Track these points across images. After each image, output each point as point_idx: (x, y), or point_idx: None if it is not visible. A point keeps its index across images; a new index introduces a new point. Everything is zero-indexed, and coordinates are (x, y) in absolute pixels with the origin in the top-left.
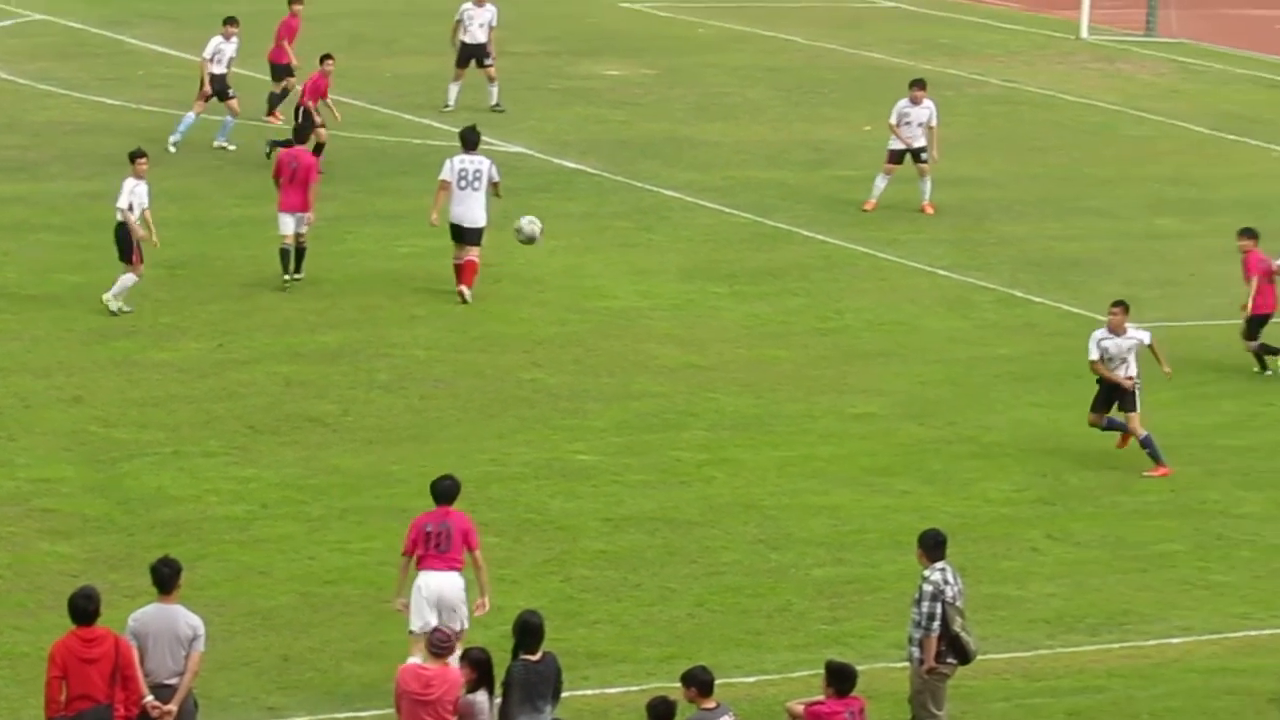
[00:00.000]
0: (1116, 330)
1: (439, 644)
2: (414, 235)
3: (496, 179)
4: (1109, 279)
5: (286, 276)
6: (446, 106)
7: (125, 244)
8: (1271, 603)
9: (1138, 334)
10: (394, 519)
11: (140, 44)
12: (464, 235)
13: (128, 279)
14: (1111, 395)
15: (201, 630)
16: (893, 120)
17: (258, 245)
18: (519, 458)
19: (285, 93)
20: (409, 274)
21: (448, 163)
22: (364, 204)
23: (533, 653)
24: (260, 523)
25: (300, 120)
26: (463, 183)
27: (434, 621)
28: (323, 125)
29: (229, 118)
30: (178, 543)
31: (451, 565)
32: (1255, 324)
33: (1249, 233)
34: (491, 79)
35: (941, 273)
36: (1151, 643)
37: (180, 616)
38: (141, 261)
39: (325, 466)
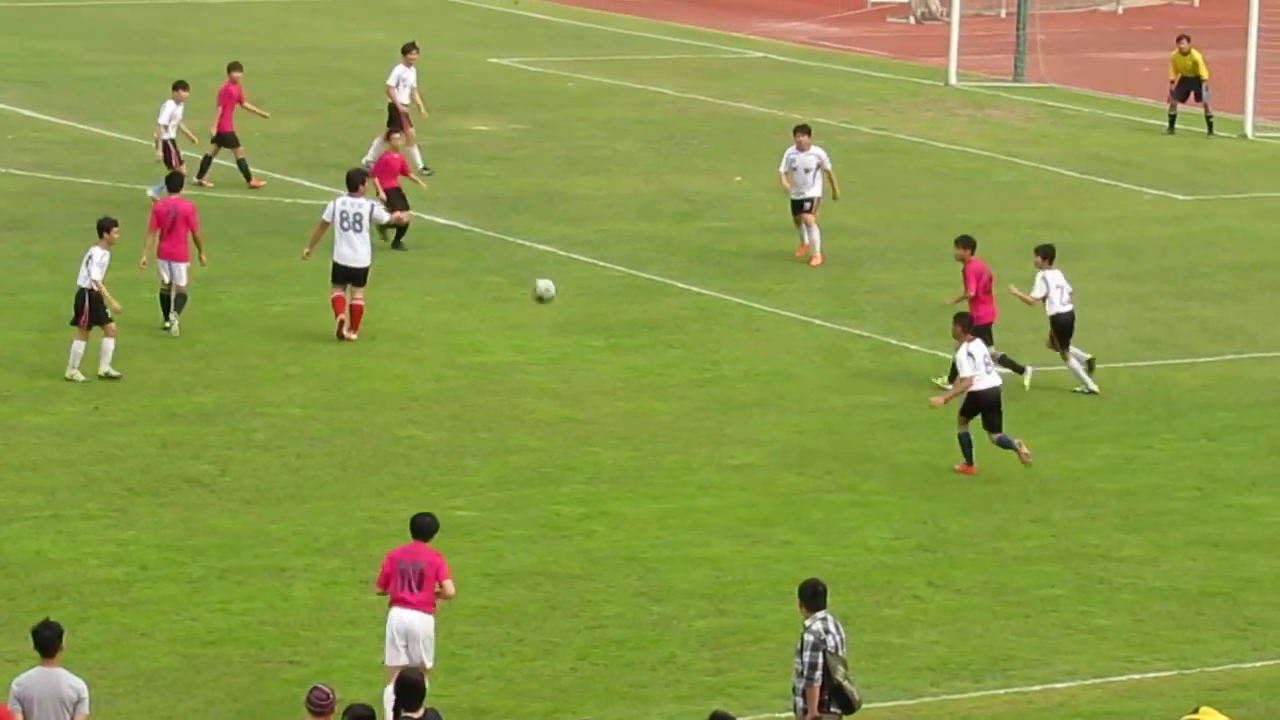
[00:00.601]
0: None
1: (318, 702)
2: (287, 294)
3: (383, 220)
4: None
5: (165, 323)
6: (426, 170)
7: (96, 309)
8: (1155, 646)
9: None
10: (274, 579)
11: (7, 108)
12: (349, 275)
13: (109, 344)
14: (976, 407)
15: (85, 693)
16: (781, 169)
17: (131, 308)
18: (398, 515)
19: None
20: (283, 333)
21: (330, 204)
22: (236, 263)
23: (414, 710)
24: (140, 585)
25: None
26: (344, 224)
27: (403, 657)
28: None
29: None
30: (58, 606)
31: (422, 606)
32: (982, 333)
33: (966, 241)
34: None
35: (816, 322)
36: (1036, 688)
37: (64, 680)
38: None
39: (204, 527)
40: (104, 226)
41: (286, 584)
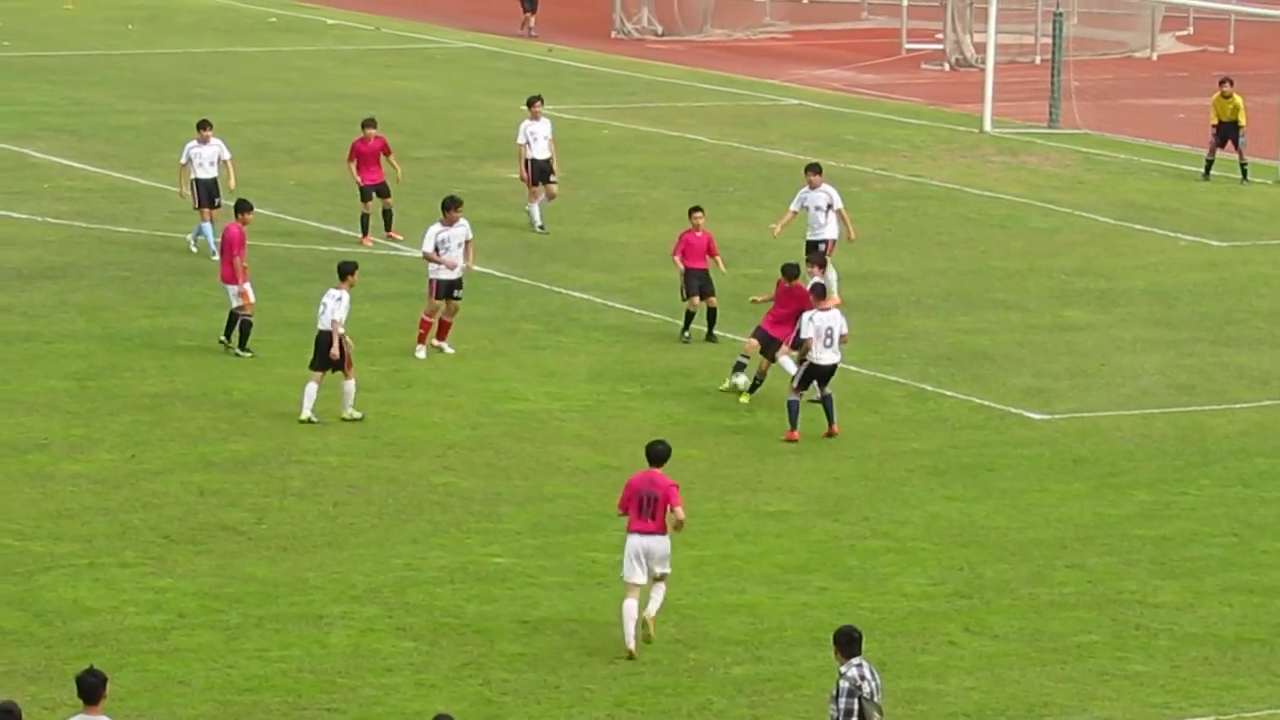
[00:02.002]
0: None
1: None
2: None
3: (470, 238)
4: (1018, 371)
5: (235, 347)
6: (542, 229)
7: (325, 353)
8: (1191, 692)
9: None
10: (311, 626)
11: (44, 157)
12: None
13: (350, 386)
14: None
15: None
16: (793, 207)
17: (168, 355)
18: (434, 562)
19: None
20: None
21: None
22: (272, 311)
23: None
24: (178, 632)
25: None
26: (443, 249)
27: (642, 575)
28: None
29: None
30: (96, 654)
31: (658, 531)
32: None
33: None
34: (551, 196)
35: (851, 368)
36: None
37: None
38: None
39: (241, 575)
40: (345, 270)
41: (324, 631)
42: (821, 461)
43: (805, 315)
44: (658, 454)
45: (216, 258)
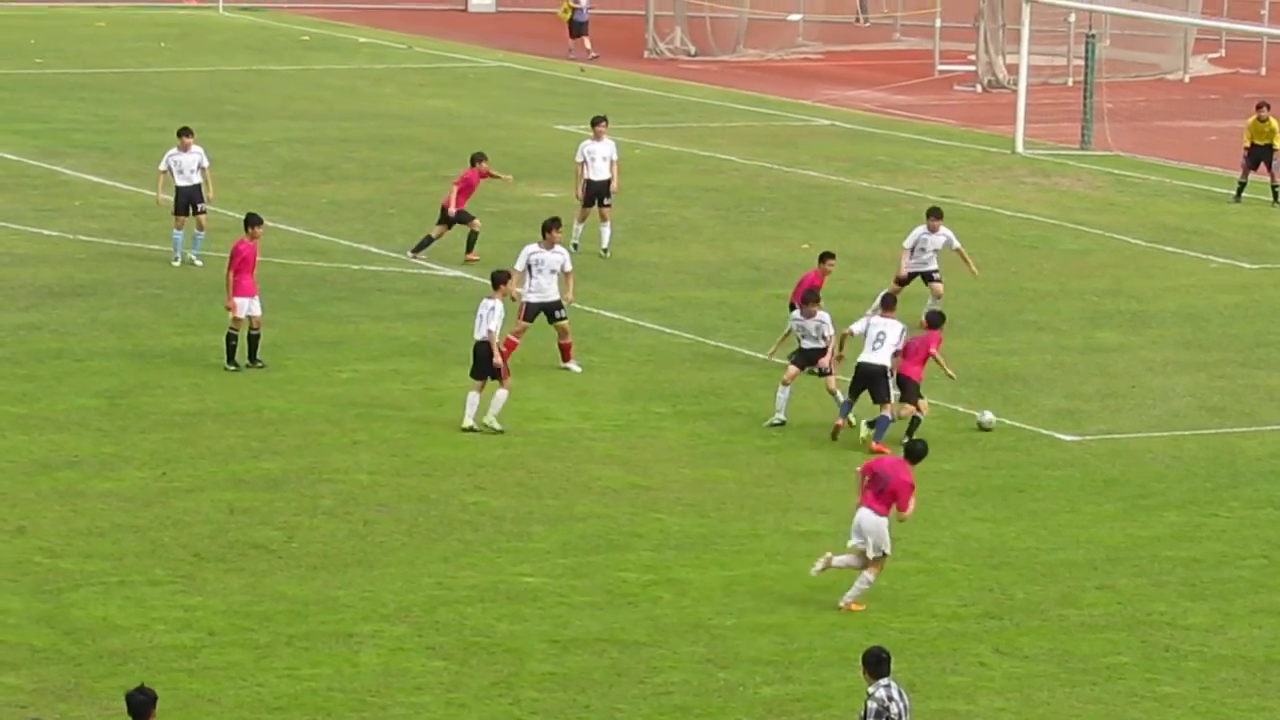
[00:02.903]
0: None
1: None
2: (354, 360)
3: (568, 269)
4: (1050, 392)
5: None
6: (575, 248)
7: (488, 362)
8: (1221, 714)
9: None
10: (341, 645)
11: (75, 174)
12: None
13: (502, 395)
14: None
15: None
16: (907, 244)
17: (199, 373)
18: (464, 581)
19: (473, 233)
20: (350, 399)
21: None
22: (303, 330)
23: None
24: (208, 651)
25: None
26: (536, 270)
27: (857, 540)
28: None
29: (198, 231)
30: (125, 672)
31: (880, 510)
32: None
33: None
34: (603, 219)
35: None
36: None
37: None
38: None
39: (271, 593)
40: (498, 280)
41: (354, 650)
42: (852, 482)
43: (864, 318)
44: (915, 452)
45: (177, 264)
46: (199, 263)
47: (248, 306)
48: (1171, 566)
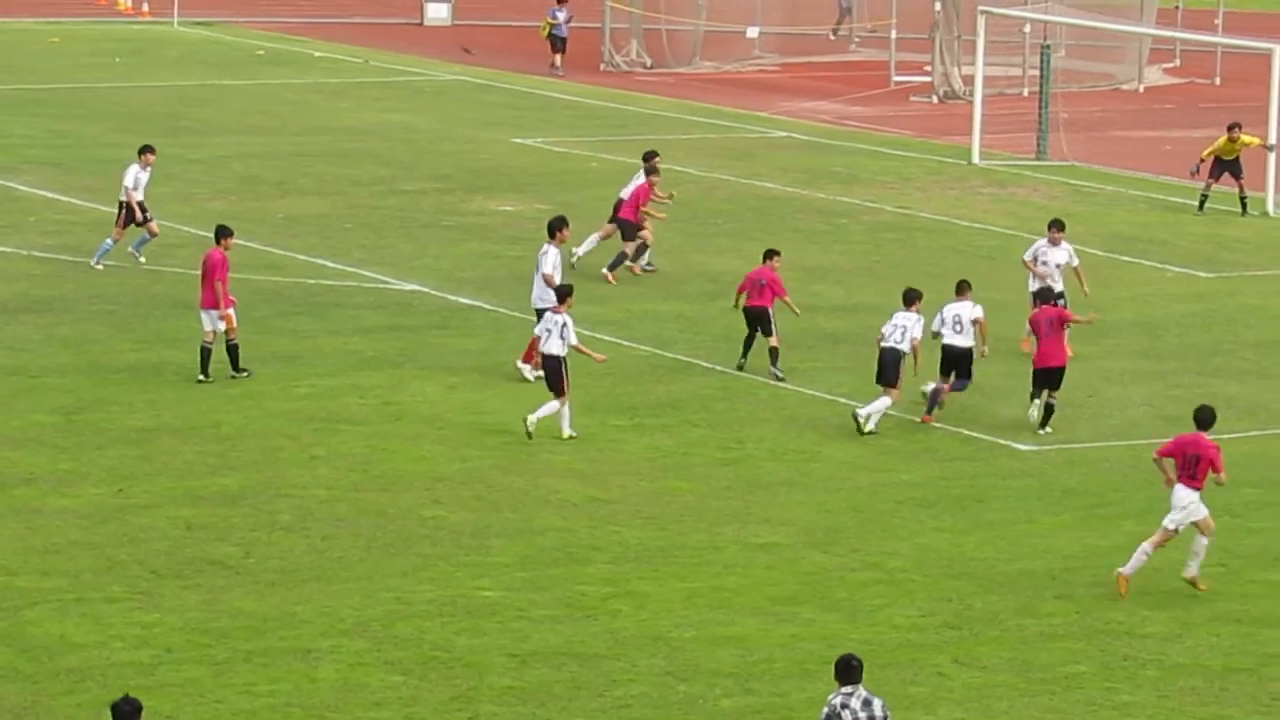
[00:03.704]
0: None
1: None
2: (312, 375)
3: (547, 270)
4: (1008, 403)
5: (201, 377)
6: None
7: (557, 378)
8: None
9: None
10: (300, 660)
11: (29, 190)
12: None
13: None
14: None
15: None
16: (1027, 257)
17: (155, 389)
18: (423, 595)
19: (642, 248)
20: (307, 414)
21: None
22: (260, 345)
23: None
24: (165, 667)
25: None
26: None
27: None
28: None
29: (147, 235)
30: (83, 689)
31: (1195, 486)
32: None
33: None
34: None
35: (841, 400)
36: None
37: None
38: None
39: (229, 609)
40: (563, 294)
41: (312, 666)
42: (811, 494)
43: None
44: (1204, 419)
45: (100, 267)
46: (142, 259)
47: (212, 320)
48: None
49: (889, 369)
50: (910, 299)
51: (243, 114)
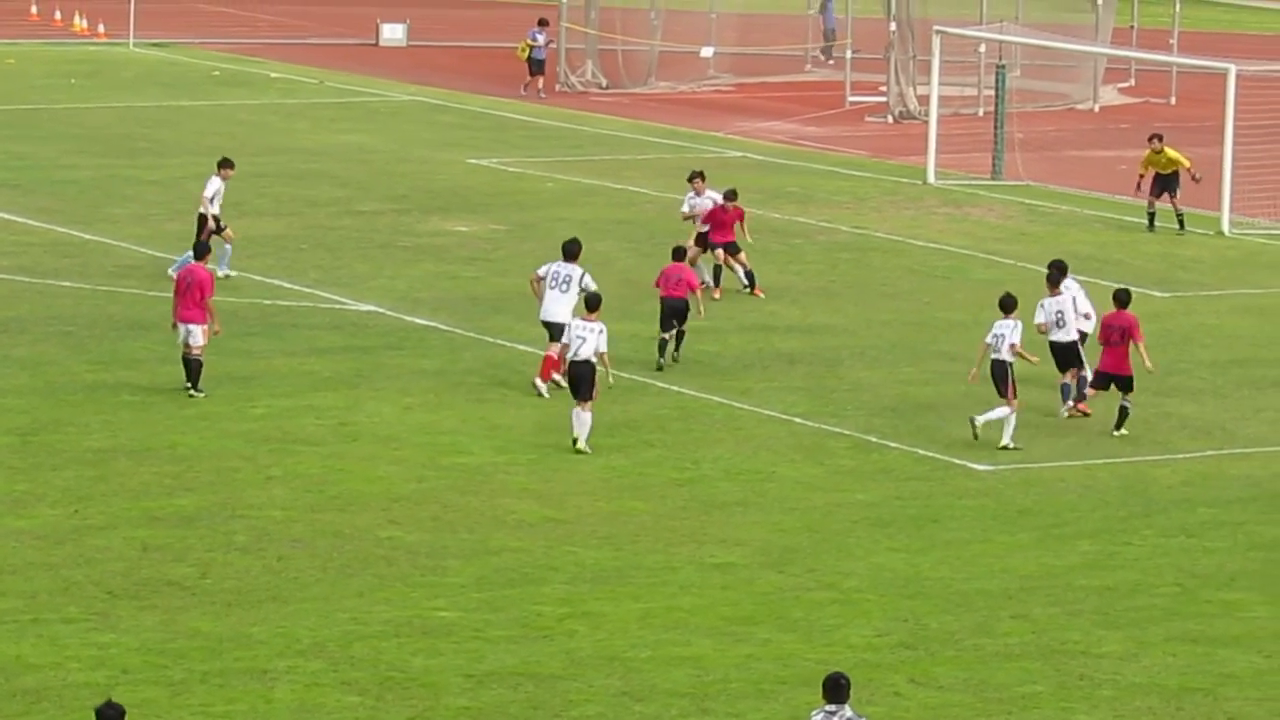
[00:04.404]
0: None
1: None
2: (268, 396)
3: (589, 287)
4: (963, 422)
5: (187, 386)
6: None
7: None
8: None
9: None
10: (256, 681)
11: None
12: (552, 331)
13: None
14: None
15: None
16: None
17: (111, 410)
18: (379, 616)
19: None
20: (264, 435)
21: (546, 265)
22: (216, 365)
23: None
24: (122, 688)
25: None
26: (553, 284)
27: None
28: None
29: (228, 246)
30: (39, 710)
31: None
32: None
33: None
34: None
35: (797, 420)
36: None
37: None
38: None
39: (185, 630)
40: (592, 304)
41: (268, 686)
42: (767, 514)
43: (1039, 303)
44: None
45: (226, 273)
46: (232, 274)
47: (192, 333)
48: (1085, 595)
49: (999, 381)
50: (1008, 306)
51: (199, 135)
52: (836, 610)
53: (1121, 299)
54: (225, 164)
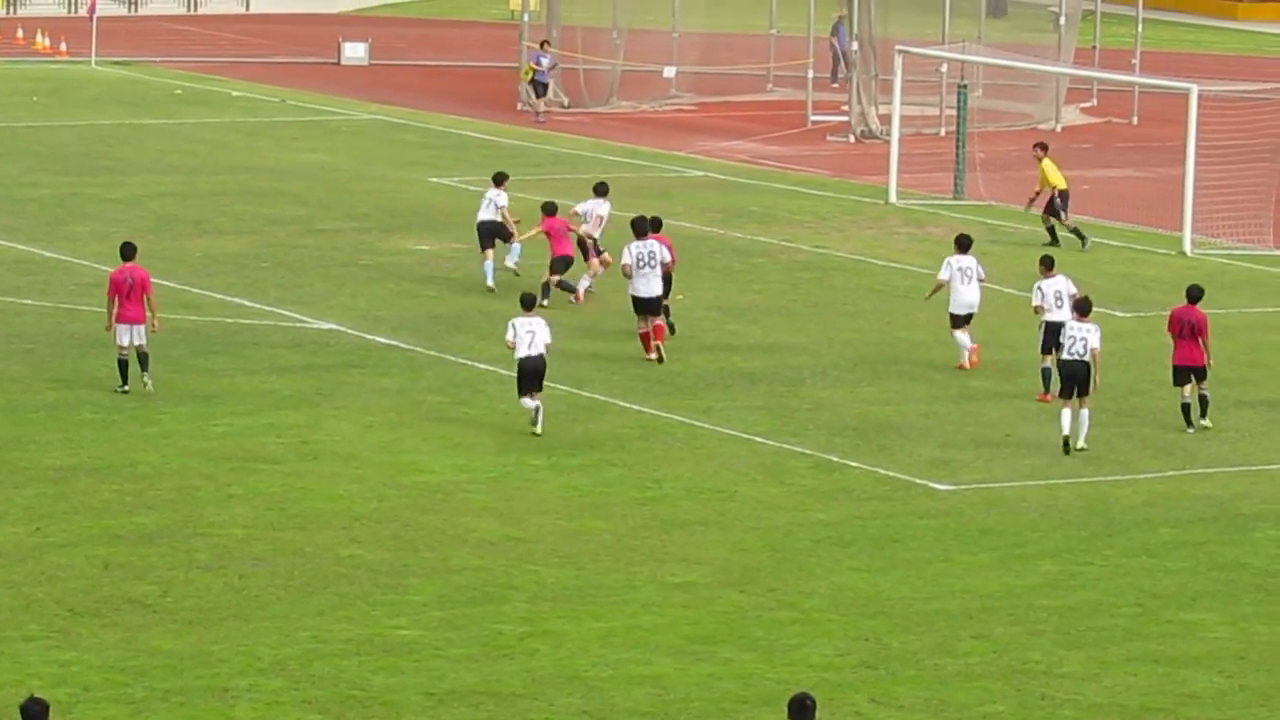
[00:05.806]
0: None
1: None
2: (229, 414)
3: (667, 259)
4: (924, 442)
5: (123, 387)
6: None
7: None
8: None
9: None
10: (217, 699)
11: None
12: (647, 307)
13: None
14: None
15: None
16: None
17: (73, 428)
18: (340, 634)
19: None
20: (224, 453)
21: (625, 249)
22: (177, 384)
23: None
24: (83, 706)
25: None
26: (640, 264)
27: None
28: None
29: (518, 247)
30: None
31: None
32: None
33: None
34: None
35: (758, 440)
36: None
37: None
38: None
39: (146, 648)
40: (526, 303)
41: (229, 705)
42: (727, 533)
43: (1035, 285)
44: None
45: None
46: (519, 272)
47: (131, 334)
48: (1046, 615)
49: (1081, 382)
50: (1084, 309)
51: (160, 153)
52: (797, 630)
53: (1194, 295)
54: (502, 176)
